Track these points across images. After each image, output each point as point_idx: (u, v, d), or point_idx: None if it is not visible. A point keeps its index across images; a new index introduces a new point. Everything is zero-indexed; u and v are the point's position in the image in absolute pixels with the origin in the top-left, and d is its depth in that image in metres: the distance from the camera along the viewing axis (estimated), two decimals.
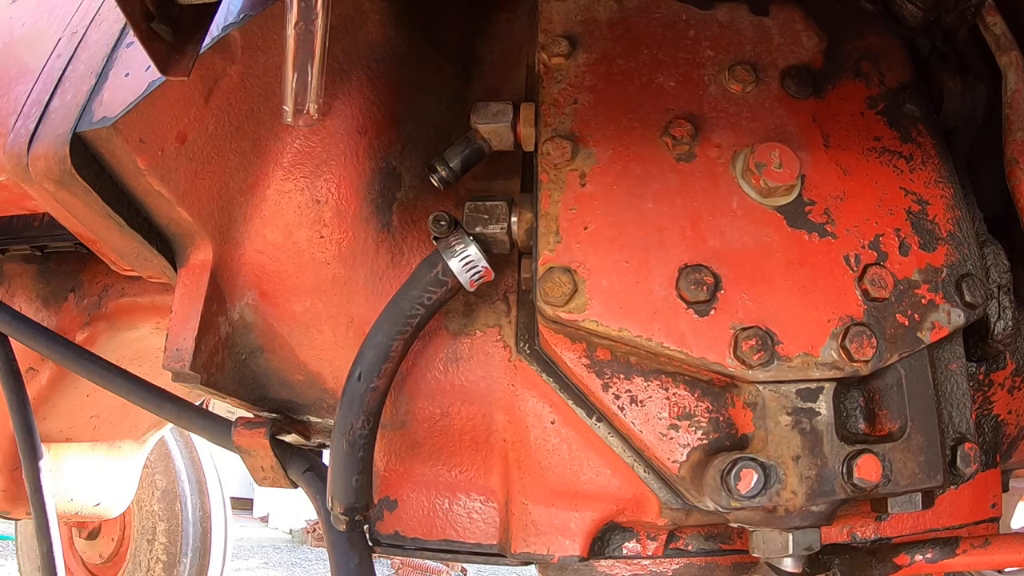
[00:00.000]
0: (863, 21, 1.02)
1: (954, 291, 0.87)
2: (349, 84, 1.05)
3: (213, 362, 1.03)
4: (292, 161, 1.04)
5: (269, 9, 0.92)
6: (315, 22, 0.75)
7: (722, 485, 0.80)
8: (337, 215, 1.05)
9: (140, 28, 0.69)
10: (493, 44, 1.20)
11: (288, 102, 0.81)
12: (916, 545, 0.96)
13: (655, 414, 0.87)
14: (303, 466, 1.13)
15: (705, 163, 0.91)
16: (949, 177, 0.93)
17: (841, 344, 0.83)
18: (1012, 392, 1.06)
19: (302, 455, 1.14)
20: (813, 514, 0.82)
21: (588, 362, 0.89)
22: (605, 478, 0.96)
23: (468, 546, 1.02)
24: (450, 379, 1.04)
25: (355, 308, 1.07)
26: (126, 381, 1.20)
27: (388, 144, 1.08)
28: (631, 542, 0.99)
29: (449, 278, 0.95)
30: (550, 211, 0.89)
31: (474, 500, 1.03)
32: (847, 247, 0.87)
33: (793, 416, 0.82)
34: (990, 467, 1.06)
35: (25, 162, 0.90)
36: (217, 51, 0.92)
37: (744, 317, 0.84)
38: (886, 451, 0.82)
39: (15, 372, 1.40)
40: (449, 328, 1.05)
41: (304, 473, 1.12)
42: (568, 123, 0.93)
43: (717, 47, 0.98)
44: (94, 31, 1.01)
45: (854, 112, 0.96)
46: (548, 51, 0.97)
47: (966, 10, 1.01)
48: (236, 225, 1.04)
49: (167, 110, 0.90)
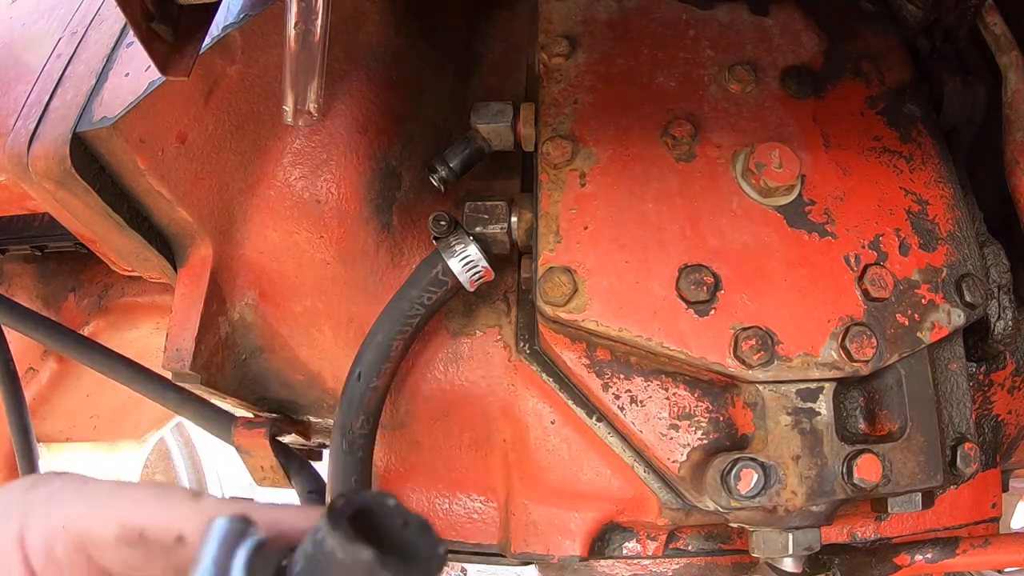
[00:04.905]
0: (863, 21, 1.02)
1: (954, 291, 0.87)
2: (349, 84, 1.05)
3: (213, 362, 1.03)
4: (292, 161, 1.04)
5: (269, 9, 0.92)
6: (315, 22, 0.76)
7: (722, 485, 0.80)
8: (337, 215, 1.05)
9: (140, 28, 0.69)
10: (493, 44, 1.19)
11: (288, 102, 0.81)
12: (916, 545, 0.96)
13: (655, 414, 0.87)
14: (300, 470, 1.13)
15: (705, 163, 0.91)
16: (949, 177, 0.93)
17: (841, 344, 0.83)
18: (1012, 392, 1.06)
19: (298, 459, 1.14)
20: (813, 514, 0.82)
21: (588, 362, 0.89)
22: (605, 478, 0.96)
23: (468, 546, 1.02)
24: (450, 379, 1.05)
25: (355, 308, 1.07)
26: (128, 368, 1.20)
27: (388, 144, 1.08)
28: (631, 542, 0.99)
29: (449, 278, 0.95)
30: (550, 211, 0.89)
31: (474, 500, 1.03)
32: (847, 247, 0.87)
33: (793, 416, 0.82)
34: (990, 467, 1.06)
35: (25, 162, 0.90)
36: (217, 51, 0.92)
37: (744, 317, 0.84)
38: (886, 451, 0.82)
39: (12, 373, 1.40)
40: (449, 328, 1.05)
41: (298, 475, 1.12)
42: (568, 123, 0.93)
43: (717, 47, 0.98)
44: (94, 31, 1.01)
45: (854, 112, 0.96)
46: (548, 51, 0.97)
47: (966, 10, 1.01)
48: (236, 225, 1.04)
49: (167, 110, 0.90)
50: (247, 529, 0.41)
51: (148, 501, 0.47)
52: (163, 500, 0.47)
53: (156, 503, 0.47)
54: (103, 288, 1.55)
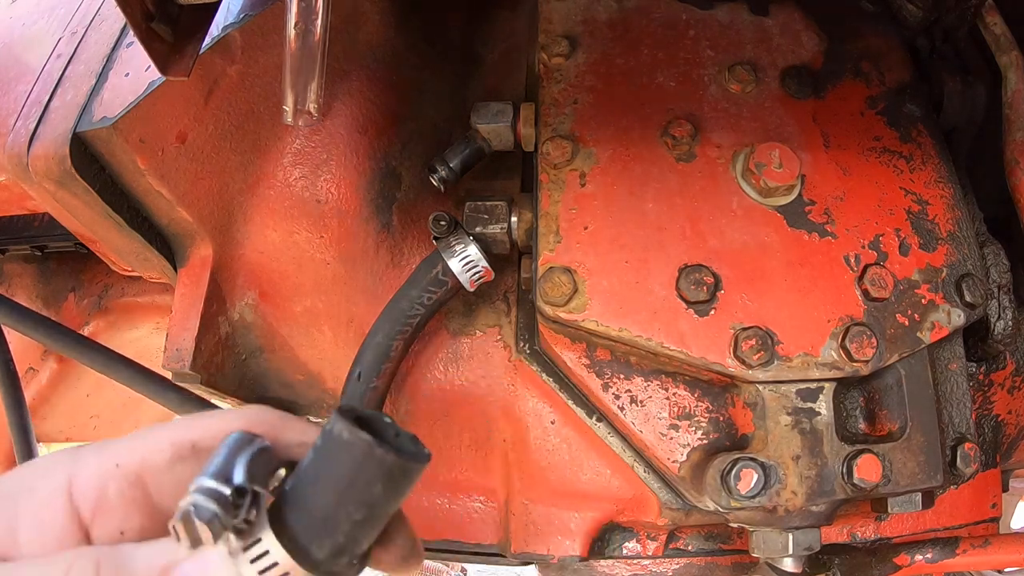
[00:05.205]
0: (863, 21, 1.02)
1: (954, 291, 0.87)
2: (349, 84, 1.05)
3: (213, 362, 1.03)
4: (292, 161, 1.04)
5: (269, 9, 0.92)
6: (315, 22, 0.76)
7: (722, 485, 0.80)
8: (337, 215, 1.05)
9: (140, 28, 0.69)
10: (493, 44, 1.19)
11: (288, 102, 0.81)
12: (916, 545, 0.96)
13: (655, 414, 0.87)
14: None
15: (705, 163, 0.91)
16: (949, 177, 0.93)
17: (841, 344, 0.83)
18: (1012, 392, 1.06)
19: None
20: (813, 514, 0.82)
21: (588, 362, 0.89)
22: (605, 478, 0.96)
23: (468, 546, 1.02)
24: (450, 379, 1.05)
25: (355, 308, 1.07)
26: (128, 368, 1.19)
27: (388, 144, 1.08)
28: (631, 542, 0.99)
29: (449, 278, 0.95)
30: (550, 211, 0.89)
31: (474, 500, 1.03)
32: (847, 247, 0.87)
33: (793, 416, 0.82)
34: (990, 467, 1.06)
35: (25, 162, 0.90)
36: (217, 51, 0.92)
37: (744, 317, 0.84)
38: (886, 451, 0.82)
39: (12, 373, 1.39)
40: (449, 328, 1.05)
41: None
42: (568, 123, 0.93)
43: (717, 47, 0.98)
44: (94, 31, 1.01)
45: (854, 112, 0.96)
46: (548, 51, 0.97)
47: (966, 10, 1.01)
48: (236, 225, 1.04)
49: (167, 110, 0.90)
50: (254, 439, 0.47)
51: (192, 422, 0.50)
52: (205, 418, 0.50)
53: (200, 420, 0.50)
54: (103, 288, 1.55)
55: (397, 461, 0.44)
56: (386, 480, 0.44)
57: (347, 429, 0.43)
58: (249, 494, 0.44)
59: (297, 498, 0.45)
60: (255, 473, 0.45)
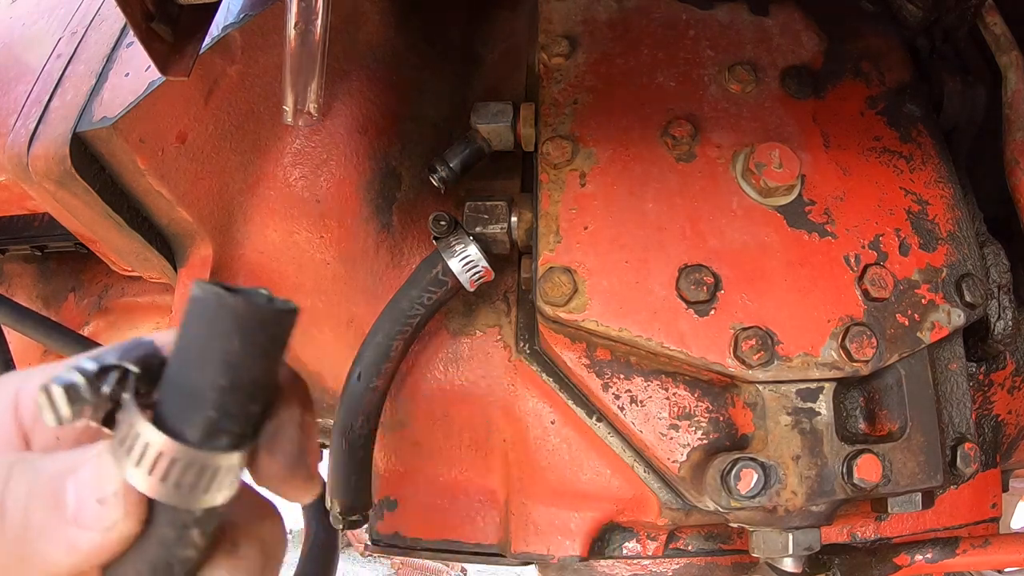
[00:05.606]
0: (863, 21, 1.02)
1: (954, 291, 0.87)
2: (349, 84, 1.05)
3: None
4: (292, 161, 1.04)
5: (269, 9, 0.92)
6: (315, 22, 0.76)
7: (722, 485, 0.80)
8: (337, 215, 1.05)
9: (140, 28, 0.69)
10: (493, 44, 1.19)
11: (288, 102, 0.81)
12: (916, 545, 0.96)
13: (655, 414, 0.87)
14: None
15: (705, 163, 0.91)
16: (949, 177, 0.93)
17: (841, 344, 0.83)
18: (1012, 392, 1.06)
19: None
20: (813, 514, 0.82)
21: (588, 362, 0.89)
22: (605, 478, 0.96)
23: (468, 546, 1.02)
24: (450, 379, 1.04)
25: (355, 308, 1.07)
26: None
27: (388, 144, 1.08)
28: (631, 542, 0.99)
29: (449, 278, 0.95)
30: (550, 211, 0.89)
31: (474, 500, 1.03)
32: (847, 247, 0.87)
33: (793, 416, 0.82)
34: (990, 467, 1.06)
35: (25, 162, 0.90)
36: (217, 51, 0.92)
37: (744, 317, 0.84)
38: (886, 451, 0.82)
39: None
40: (449, 328, 1.05)
41: None
42: (568, 123, 0.93)
43: (717, 47, 0.98)
44: (94, 31, 1.01)
45: (854, 112, 0.96)
46: (548, 51, 0.97)
47: (966, 10, 1.00)
48: (236, 225, 1.04)
49: (167, 110, 0.90)
50: (147, 340, 0.46)
51: None
52: None
53: None
54: (103, 288, 1.55)
55: (248, 307, 0.41)
56: (242, 333, 0.41)
57: (199, 286, 0.41)
58: (115, 370, 0.43)
59: (168, 379, 0.44)
60: (129, 356, 0.44)
